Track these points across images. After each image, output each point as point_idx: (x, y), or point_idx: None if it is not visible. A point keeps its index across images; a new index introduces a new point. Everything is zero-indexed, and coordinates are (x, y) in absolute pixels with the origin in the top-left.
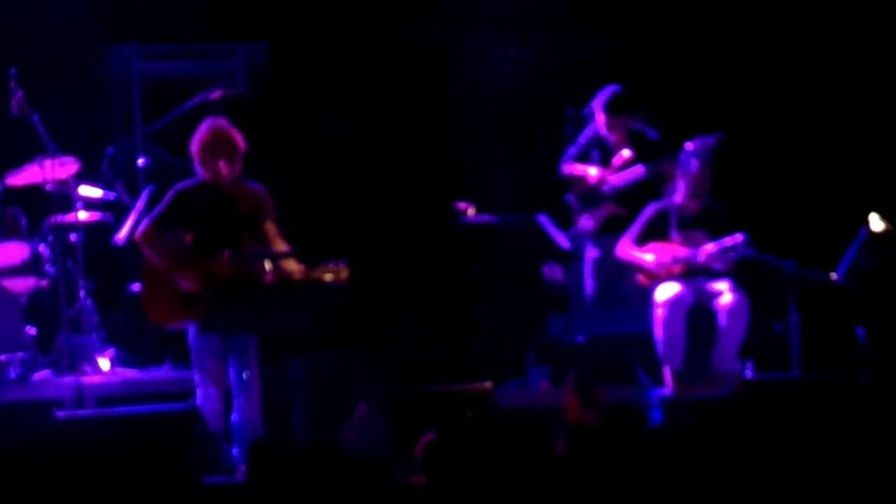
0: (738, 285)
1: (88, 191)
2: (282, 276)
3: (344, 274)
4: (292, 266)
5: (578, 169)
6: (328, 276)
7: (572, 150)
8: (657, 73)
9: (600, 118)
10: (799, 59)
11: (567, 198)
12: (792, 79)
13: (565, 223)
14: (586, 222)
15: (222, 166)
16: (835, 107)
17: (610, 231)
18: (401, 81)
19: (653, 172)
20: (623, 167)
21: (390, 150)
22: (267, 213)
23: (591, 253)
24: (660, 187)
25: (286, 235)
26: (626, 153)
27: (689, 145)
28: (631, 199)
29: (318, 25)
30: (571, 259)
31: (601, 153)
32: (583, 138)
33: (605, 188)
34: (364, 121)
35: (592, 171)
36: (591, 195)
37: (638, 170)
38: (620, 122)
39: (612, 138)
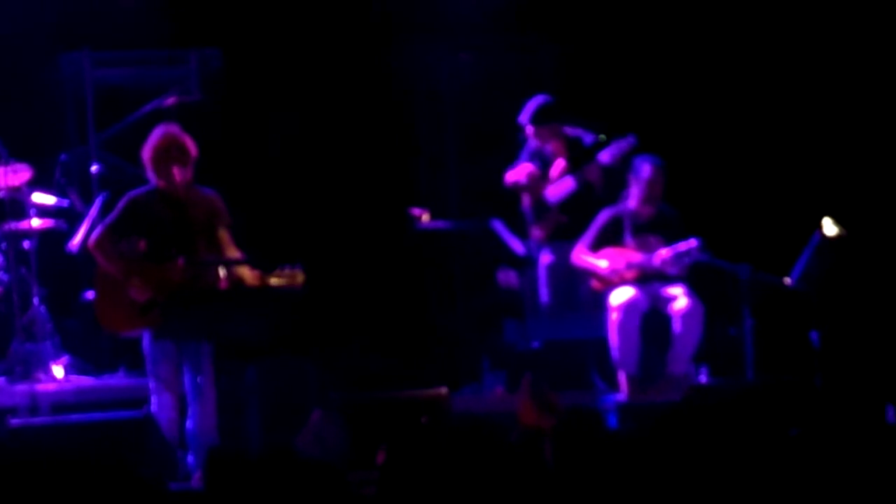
0: (693, 290)
1: (42, 198)
2: (236, 282)
3: (299, 278)
4: (246, 272)
5: (513, 175)
6: (283, 281)
7: (517, 163)
8: (610, 78)
9: (529, 130)
10: (752, 64)
11: (522, 207)
12: (746, 83)
13: (522, 231)
14: (537, 232)
15: (175, 173)
16: (789, 111)
17: (560, 238)
18: (355, 87)
19: (581, 182)
20: (561, 176)
21: (344, 156)
22: (221, 219)
23: (545, 259)
24: (592, 194)
25: (241, 241)
26: (560, 162)
27: (603, 155)
28: (572, 207)
29: (271, 31)
30: (526, 264)
31: (542, 164)
32: (526, 151)
33: (546, 201)
34: (318, 127)
35: (526, 172)
36: (539, 206)
37: (568, 182)
38: (551, 132)
39: (548, 148)
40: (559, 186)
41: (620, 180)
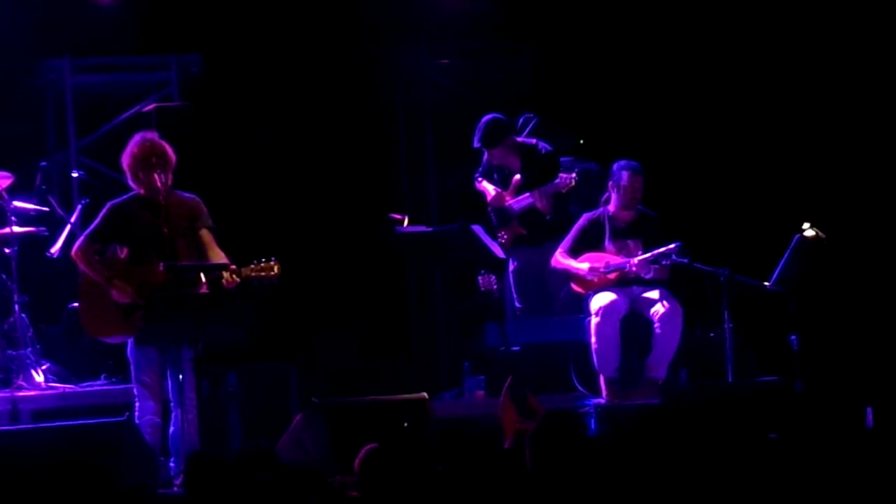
0: (672, 293)
1: (22, 204)
2: (214, 280)
3: (275, 269)
4: (224, 272)
5: (482, 186)
6: (259, 273)
7: (480, 169)
8: (590, 82)
9: (485, 153)
10: (734, 69)
11: (489, 211)
12: (727, 88)
13: (492, 234)
14: (501, 237)
15: (156, 179)
16: (769, 116)
17: (523, 244)
18: (335, 93)
19: (535, 201)
20: (518, 190)
21: (325, 161)
22: (202, 221)
23: (511, 265)
24: (541, 216)
25: (221, 246)
26: (517, 178)
27: (562, 178)
28: (528, 221)
29: (252, 37)
30: (505, 268)
31: (500, 175)
32: (483, 160)
33: (509, 209)
34: (299, 132)
35: (490, 189)
36: (502, 213)
37: (526, 199)
38: (504, 151)
39: (506, 163)
40: (518, 201)
41: (590, 192)
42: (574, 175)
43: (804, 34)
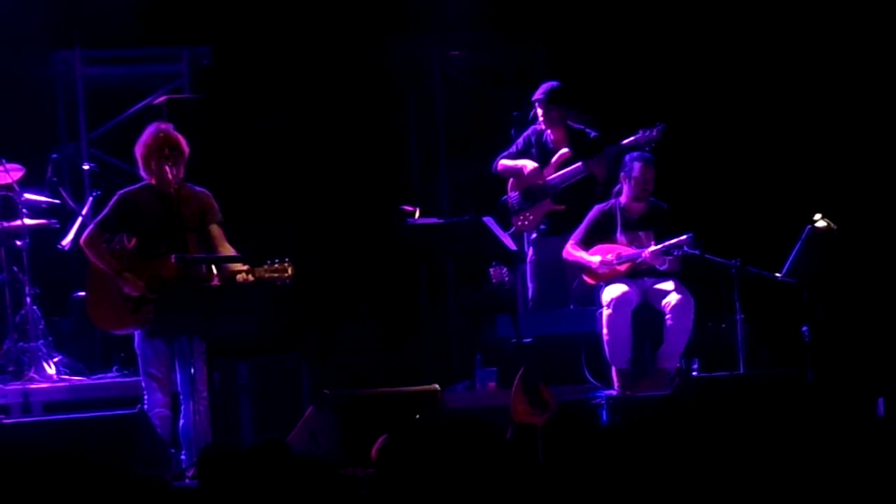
0: (684, 285)
1: (33, 196)
2: (227, 277)
3: (289, 271)
4: (236, 267)
5: (512, 164)
6: (272, 274)
7: (511, 149)
8: (601, 74)
9: (539, 109)
10: (745, 59)
11: (504, 199)
12: (737, 79)
13: (505, 223)
14: (526, 218)
15: (167, 170)
16: (780, 107)
17: (550, 230)
18: (346, 85)
19: (588, 170)
20: (562, 165)
21: (336, 153)
22: (212, 215)
23: (528, 255)
24: (593, 186)
25: (232, 239)
26: (563, 151)
27: (628, 140)
28: (568, 196)
29: (262, 28)
30: (518, 260)
31: (540, 151)
32: (522, 138)
33: (545, 184)
34: (309, 124)
35: (529, 165)
36: (532, 191)
37: (576, 167)
38: (559, 116)
39: (552, 135)
40: (564, 171)
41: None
42: (661, 126)
43: (816, 25)
